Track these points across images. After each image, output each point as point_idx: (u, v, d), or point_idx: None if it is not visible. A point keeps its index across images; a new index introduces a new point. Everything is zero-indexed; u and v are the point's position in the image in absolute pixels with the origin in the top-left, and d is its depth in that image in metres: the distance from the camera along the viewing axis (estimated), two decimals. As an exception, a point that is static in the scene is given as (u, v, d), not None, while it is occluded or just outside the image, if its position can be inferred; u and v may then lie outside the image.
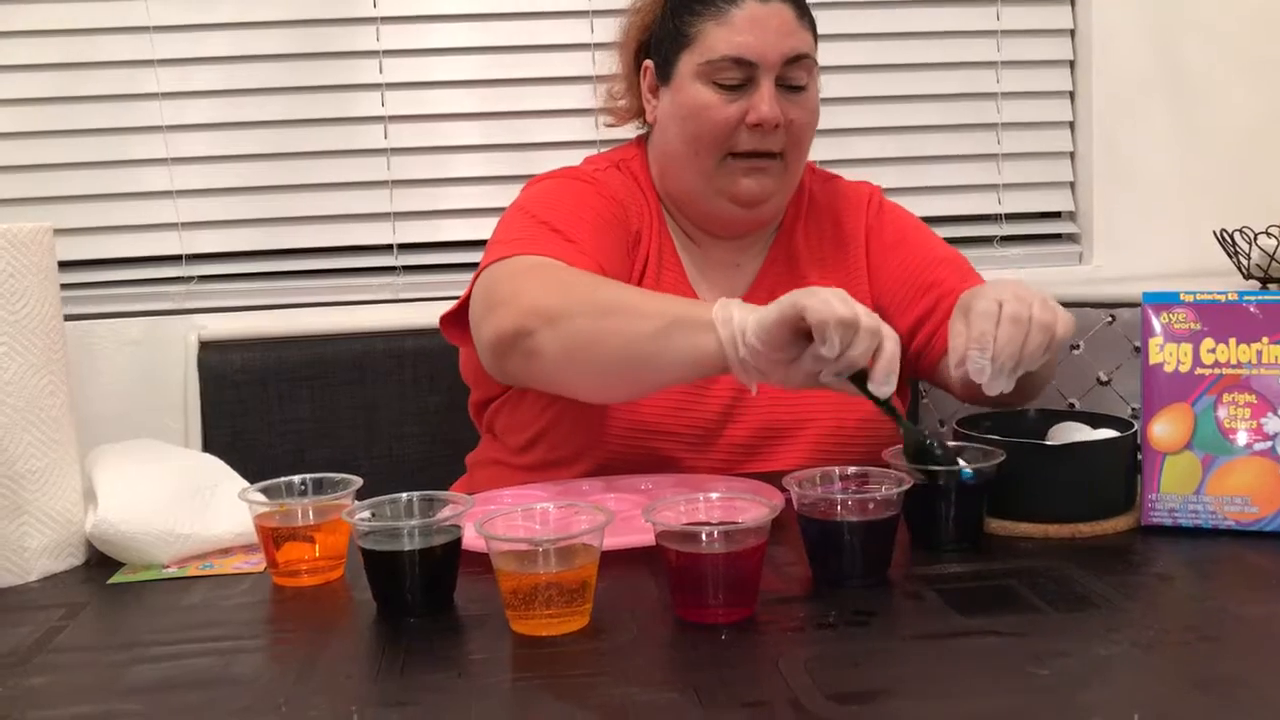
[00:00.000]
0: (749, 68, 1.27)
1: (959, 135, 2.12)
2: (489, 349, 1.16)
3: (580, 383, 1.16)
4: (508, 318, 1.13)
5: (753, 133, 1.28)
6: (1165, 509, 1.03)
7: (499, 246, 1.24)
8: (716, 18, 1.28)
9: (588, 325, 1.09)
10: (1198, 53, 2.12)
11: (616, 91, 1.47)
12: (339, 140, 1.98)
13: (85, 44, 1.90)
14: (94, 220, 1.94)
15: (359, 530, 0.92)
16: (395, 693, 0.77)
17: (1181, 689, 0.74)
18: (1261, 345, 1.02)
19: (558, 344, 1.10)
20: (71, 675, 0.83)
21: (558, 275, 1.16)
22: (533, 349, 1.11)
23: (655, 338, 1.06)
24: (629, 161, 1.41)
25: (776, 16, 1.28)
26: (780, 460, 1.30)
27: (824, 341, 0.94)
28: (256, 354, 1.81)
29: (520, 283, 1.15)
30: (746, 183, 1.31)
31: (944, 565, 0.97)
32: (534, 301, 1.12)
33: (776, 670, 0.78)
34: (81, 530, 1.07)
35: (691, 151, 1.31)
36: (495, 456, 1.40)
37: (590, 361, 1.11)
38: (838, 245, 1.43)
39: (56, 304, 1.08)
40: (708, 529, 0.87)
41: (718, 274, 1.39)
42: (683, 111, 1.31)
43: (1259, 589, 0.93)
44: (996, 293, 1.07)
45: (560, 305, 1.11)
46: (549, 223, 1.25)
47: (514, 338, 1.12)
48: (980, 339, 1.04)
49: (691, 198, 1.35)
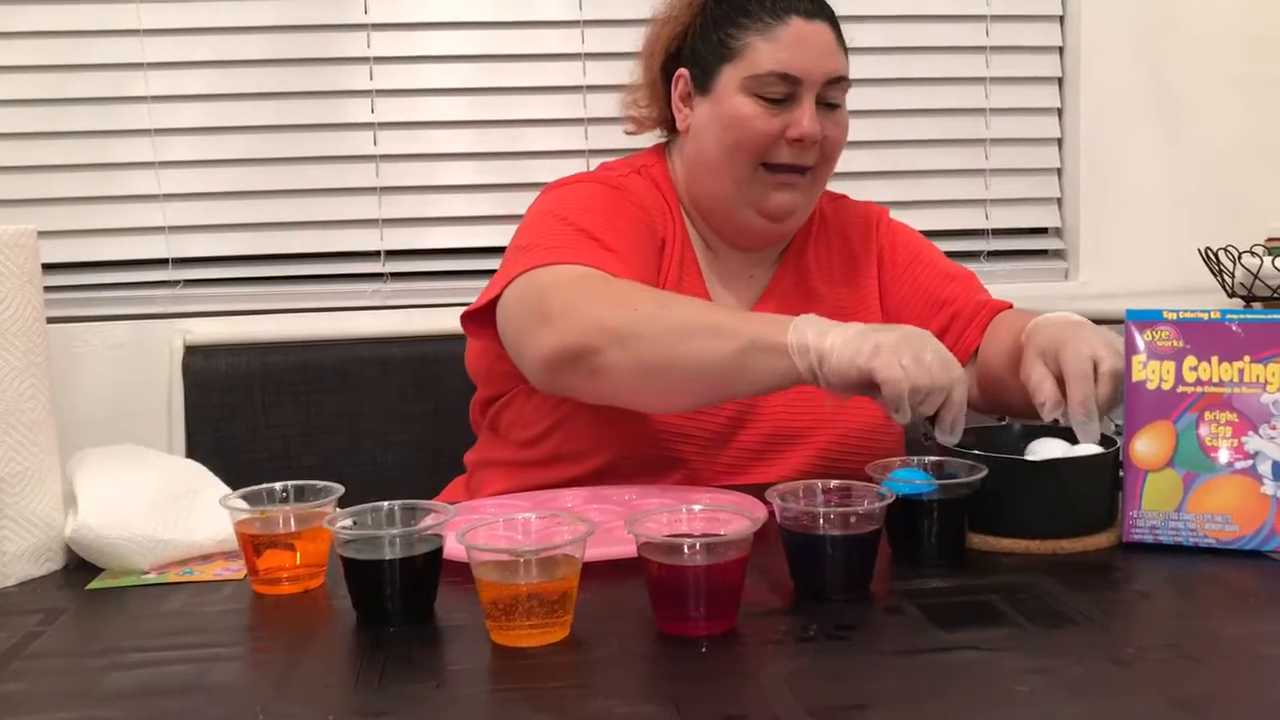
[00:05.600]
0: (793, 84, 1.29)
1: (947, 150, 2.14)
2: (542, 363, 1.15)
3: (649, 401, 1.18)
4: (570, 334, 1.12)
5: (791, 147, 1.31)
6: (1146, 526, 1.03)
7: (535, 252, 1.22)
8: (764, 33, 1.30)
9: (660, 347, 1.10)
10: (1185, 71, 2.14)
11: (640, 99, 1.47)
12: (328, 146, 1.98)
13: (74, 46, 1.90)
14: (80, 223, 1.94)
15: (340, 538, 0.92)
16: (373, 702, 0.77)
17: (1160, 707, 0.74)
18: (1244, 364, 1.02)
19: (628, 364, 1.11)
20: (48, 681, 0.83)
21: (616, 289, 1.15)
22: (599, 367, 1.12)
23: (732, 361, 1.08)
24: (650, 169, 1.42)
25: (821, 36, 1.31)
26: (787, 465, 1.32)
27: (896, 410, 1.02)
28: (242, 359, 1.80)
29: (575, 296, 1.14)
30: (778, 196, 1.33)
31: (925, 580, 0.97)
32: (599, 319, 1.11)
33: (756, 684, 0.77)
34: (61, 535, 1.06)
35: (728, 160, 1.32)
36: (499, 455, 1.40)
37: (664, 383, 1.13)
38: (848, 262, 1.46)
39: (39, 307, 1.07)
40: (690, 541, 0.87)
41: (733, 283, 1.41)
42: (724, 121, 1.32)
43: (1239, 607, 0.93)
44: (1089, 346, 1.12)
45: (628, 324, 1.11)
46: (586, 230, 1.25)
47: (577, 354, 1.12)
48: (1085, 403, 1.09)
49: (720, 207, 1.37)
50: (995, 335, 1.37)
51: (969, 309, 1.41)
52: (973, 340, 1.39)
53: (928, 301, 1.43)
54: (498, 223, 2.00)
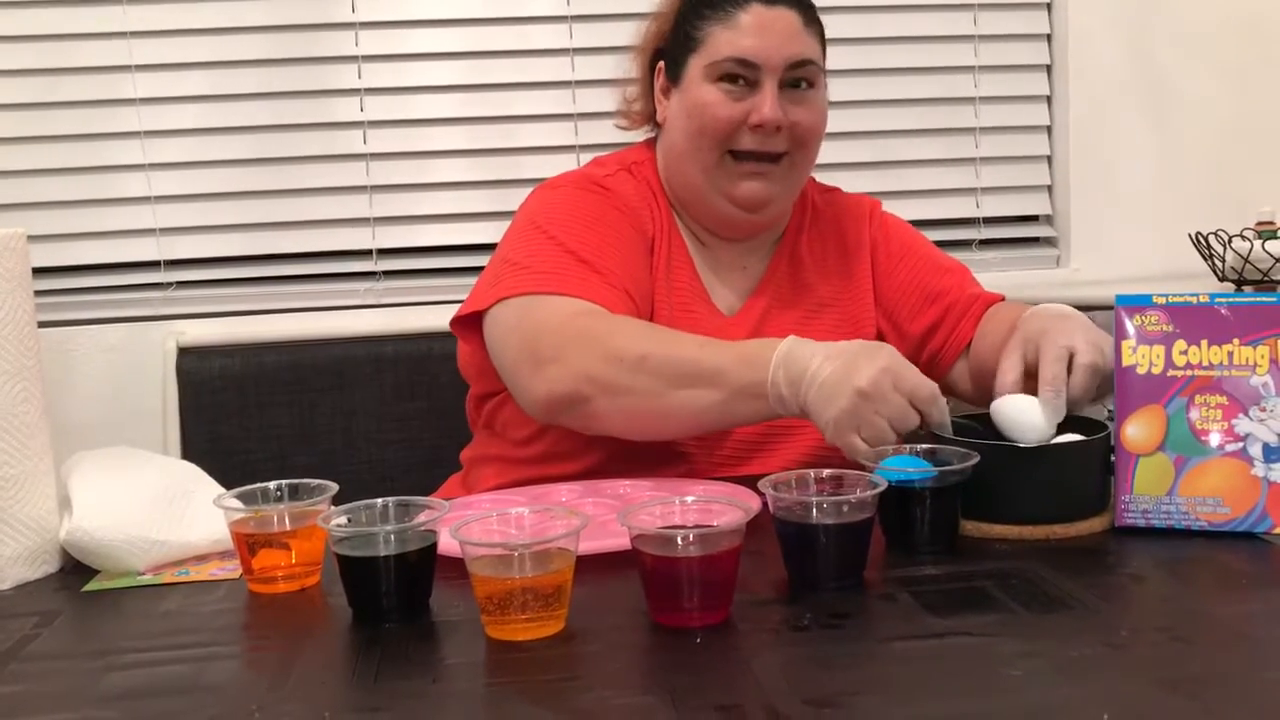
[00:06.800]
0: (752, 69, 1.30)
1: (937, 140, 2.14)
2: (541, 405, 1.20)
3: (644, 437, 1.22)
4: (561, 382, 1.16)
5: (754, 133, 1.31)
6: (1139, 510, 1.04)
7: (524, 276, 1.24)
8: (723, 21, 1.31)
9: (645, 399, 1.14)
10: (1173, 57, 2.14)
11: (631, 95, 1.48)
12: (318, 146, 1.98)
13: (63, 49, 1.90)
14: (71, 226, 1.94)
15: (334, 536, 0.92)
16: (369, 698, 0.77)
17: (1153, 689, 0.74)
18: (1233, 347, 1.02)
19: (617, 413, 1.17)
20: (45, 683, 0.83)
21: (603, 332, 1.17)
22: (591, 413, 1.17)
23: (719, 409, 1.13)
24: (640, 165, 1.42)
25: (781, 20, 1.31)
26: (785, 455, 1.33)
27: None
28: (235, 360, 1.81)
29: (565, 341, 1.17)
30: (746, 185, 1.33)
31: (918, 567, 0.97)
32: (586, 368, 1.15)
33: (751, 673, 0.78)
34: (56, 537, 1.06)
35: (694, 148, 1.33)
36: (495, 451, 1.40)
37: (655, 428, 1.20)
38: (841, 254, 1.46)
39: (30, 311, 1.07)
40: (683, 532, 0.87)
41: (726, 274, 1.42)
42: (689, 110, 1.33)
43: (1231, 589, 0.93)
44: (1068, 337, 1.14)
45: (614, 377, 1.14)
46: (575, 252, 1.26)
47: (569, 402, 1.17)
48: (1054, 382, 1.11)
49: (695, 196, 1.37)
50: (988, 328, 1.37)
51: (962, 302, 1.42)
52: (965, 333, 1.40)
53: (921, 295, 1.44)
54: (490, 219, 2.00)
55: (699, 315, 1.36)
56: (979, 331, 1.39)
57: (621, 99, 1.50)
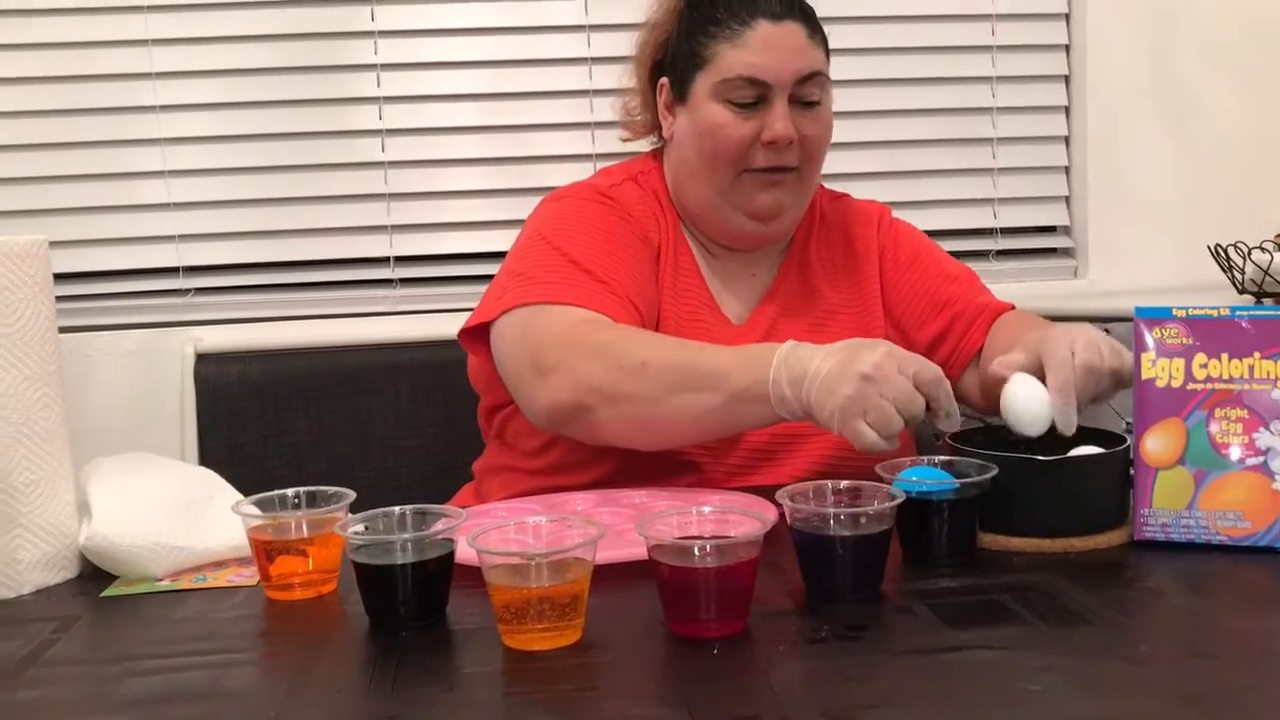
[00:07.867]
0: (762, 87, 1.29)
1: (955, 150, 2.14)
2: (545, 415, 1.20)
3: (648, 446, 1.22)
4: (563, 392, 1.16)
5: (767, 150, 1.31)
6: (1158, 524, 1.03)
7: (530, 286, 1.24)
8: (731, 39, 1.30)
9: (647, 406, 1.14)
10: (1192, 67, 2.13)
11: (632, 106, 1.47)
12: (336, 153, 1.99)
13: (83, 57, 1.91)
14: (91, 233, 1.95)
15: (352, 544, 0.92)
16: (386, 707, 0.77)
17: (1173, 704, 0.73)
18: (1253, 360, 1.02)
19: (620, 421, 1.16)
20: (63, 689, 0.83)
21: (605, 341, 1.17)
22: (594, 423, 1.17)
23: (721, 413, 1.13)
24: (647, 175, 1.42)
25: (789, 36, 1.30)
26: (796, 464, 1.32)
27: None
28: (253, 366, 1.81)
29: (567, 350, 1.17)
30: (763, 197, 1.33)
31: (936, 580, 0.97)
32: (588, 378, 1.15)
33: (768, 685, 0.78)
34: (75, 543, 1.07)
35: (709, 169, 1.33)
36: (506, 462, 1.40)
37: (658, 436, 1.19)
38: (850, 261, 1.46)
39: (51, 318, 1.08)
40: (700, 543, 0.87)
41: (735, 284, 1.41)
42: (699, 130, 1.32)
43: (1252, 604, 0.93)
44: (1069, 338, 1.13)
45: (615, 385, 1.14)
46: (579, 262, 1.26)
47: (572, 412, 1.17)
48: (1062, 390, 1.09)
49: (708, 214, 1.37)
50: (998, 337, 1.36)
51: (970, 310, 1.41)
52: (975, 342, 1.39)
53: (929, 302, 1.43)
54: (507, 227, 2.00)
55: (707, 324, 1.36)
56: (988, 341, 1.38)
57: (621, 109, 1.49)
